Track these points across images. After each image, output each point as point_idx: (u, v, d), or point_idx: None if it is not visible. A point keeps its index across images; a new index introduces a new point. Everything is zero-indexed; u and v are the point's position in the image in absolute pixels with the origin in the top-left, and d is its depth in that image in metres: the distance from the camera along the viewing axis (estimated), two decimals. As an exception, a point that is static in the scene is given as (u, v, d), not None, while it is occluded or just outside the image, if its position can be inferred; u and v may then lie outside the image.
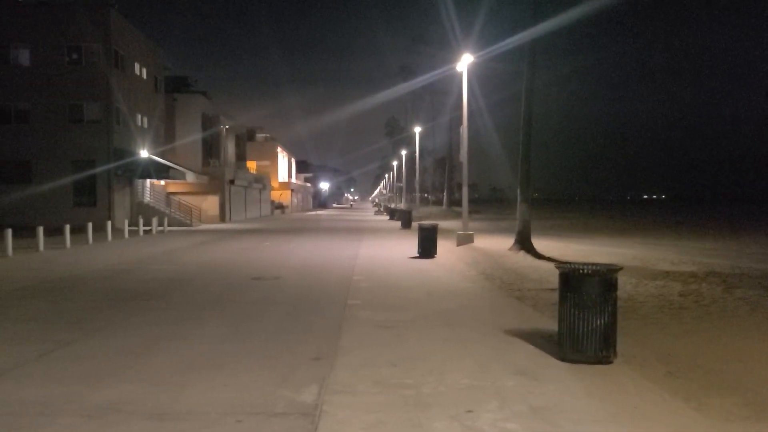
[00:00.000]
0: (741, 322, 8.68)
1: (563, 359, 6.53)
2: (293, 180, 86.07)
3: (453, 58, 24.44)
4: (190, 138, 45.28)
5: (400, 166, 79.06)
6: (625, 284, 12.21)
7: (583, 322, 6.36)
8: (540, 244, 20.66)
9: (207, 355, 6.99)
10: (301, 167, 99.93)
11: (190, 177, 41.11)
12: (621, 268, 6.59)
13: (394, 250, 20.95)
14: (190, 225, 39.22)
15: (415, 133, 57.73)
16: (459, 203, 52.70)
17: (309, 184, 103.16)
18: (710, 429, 4.73)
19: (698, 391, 5.60)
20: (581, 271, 6.41)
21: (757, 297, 10.32)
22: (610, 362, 6.41)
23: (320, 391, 5.59)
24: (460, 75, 23.87)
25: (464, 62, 23.25)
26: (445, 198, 72.96)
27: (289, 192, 78.09)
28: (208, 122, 47.80)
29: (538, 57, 19.94)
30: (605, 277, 6.36)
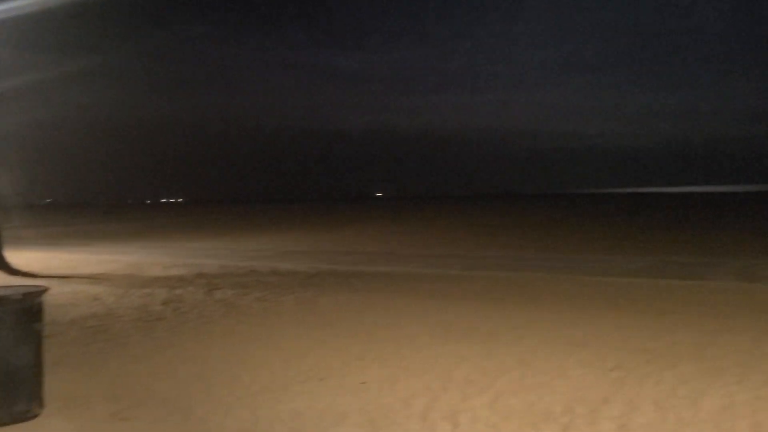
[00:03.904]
0: (213, 327, 8.18)
1: (-37, 428, 4.66)
2: None
3: None
4: None
5: None
6: (109, 296, 10.91)
7: (-8, 371, 4.62)
8: (24, 256, 17.64)
9: None
10: None
11: None
12: (46, 290, 5.05)
13: None
14: None
15: None
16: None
17: None
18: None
19: (140, 435, 4.53)
20: (-16, 301, 4.65)
21: (233, 297, 10.20)
22: (35, 416, 4.84)
23: None
24: None
25: None
26: None
27: None
28: None
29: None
30: (21, 306, 4.74)
